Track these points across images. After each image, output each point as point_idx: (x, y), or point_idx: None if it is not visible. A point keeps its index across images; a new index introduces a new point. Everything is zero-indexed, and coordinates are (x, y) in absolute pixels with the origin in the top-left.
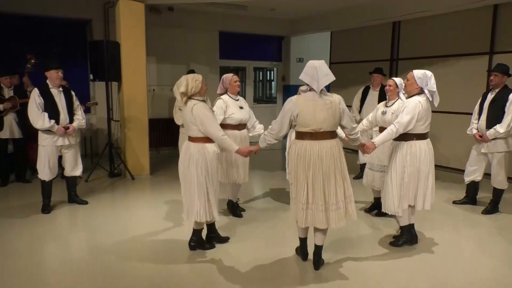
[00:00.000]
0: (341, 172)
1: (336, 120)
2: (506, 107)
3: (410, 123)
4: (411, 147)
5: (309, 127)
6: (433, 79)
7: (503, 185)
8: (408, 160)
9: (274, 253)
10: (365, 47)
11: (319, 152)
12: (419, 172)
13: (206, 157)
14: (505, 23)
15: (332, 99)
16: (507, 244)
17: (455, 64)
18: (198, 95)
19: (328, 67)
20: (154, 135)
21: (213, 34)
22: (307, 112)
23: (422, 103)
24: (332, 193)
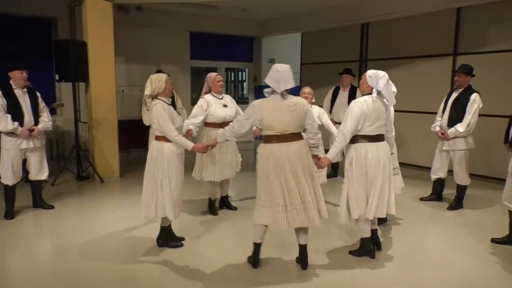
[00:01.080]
0: (310, 172)
1: (301, 123)
2: (467, 107)
3: (354, 126)
4: (356, 150)
5: (273, 130)
6: (384, 80)
7: (465, 182)
8: (353, 164)
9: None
10: (335, 48)
11: (287, 154)
12: (367, 177)
13: (164, 156)
14: (467, 25)
15: (297, 102)
16: (471, 239)
17: (421, 65)
18: (162, 95)
19: (291, 73)
20: (124, 137)
21: (184, 34)
22: (271, 116)
23: (367, 103)
24: (307, 192)
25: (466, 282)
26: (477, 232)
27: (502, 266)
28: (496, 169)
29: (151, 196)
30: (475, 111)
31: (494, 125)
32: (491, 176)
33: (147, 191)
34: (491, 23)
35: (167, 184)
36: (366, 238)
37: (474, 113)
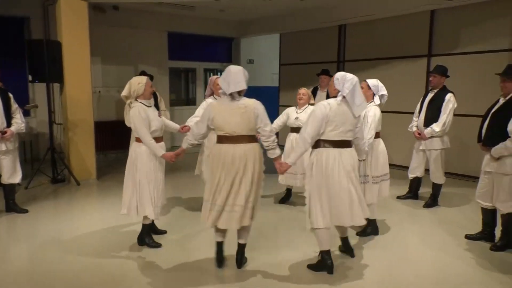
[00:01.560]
0: (251, 177)
1: (252, 125)
2: (442, 107)
3: (316, 128)
4: (317, 155)
5: (223, 131)
6: (350, 84)
7: (440, 180)
8: (313, 170)
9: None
10: (313, 49)
11: (233, 155)
12: (327, 184)
13: (143, 157)
14: (441, 27)
15: (248, 104)
16: (446, 235)
17: (397, 65)
18: (142, 97)
19: (243, 76)
20: (101, 138)
21: (162, 34)
22: (221, 116)
23: (331, 106)
24: (233, 196)
25: (441, 278)
26: (452, 229)
27: (476, 261)
28: (470, 167)
29: (131, 196)
30: (450, 111)
31: (468, 124)
32: (466, 174)
33: (127, 191)
34: (463, 25)
35: (145, 184)
36: (325, 251)
37: (449, 113)
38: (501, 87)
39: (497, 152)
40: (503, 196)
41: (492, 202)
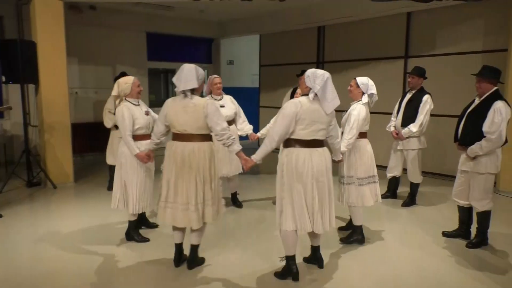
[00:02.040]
0: (203, 175)
1: (201, 124)
2: (420, 108)
3: (284, 127)
4: (287, 155)
5: (174, 128)
6: (321, 80)
7: (418, 179)
8: (284, 170)
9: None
10: (292, 50)
11: (183, 153)
12: (298, 184)
13: (127, 155)
14: (417, 29)
15: (197, 103)
16: (424, 233)
17: (375, 67)
18: (129, 96)
19: (195, 75)
20: (78, 141)
21: (140, 35)
22: (173, 114)
23: (302, 103)
24: (193, 194)
25: (419, 276)
26: (430, 227)
27: (453, 258)
28: (447, 166)
29: (117, 191)
30: (427, 112)
31: (445, 124)
32: (443, 173)
33: (115, 186)
34: (439, 28)
35: (129, 181)
36: (290, 256)
37: (426, 114)
38: (476, 87)
39: (472, 151)
40: (478, 195)
41: (468, 200)
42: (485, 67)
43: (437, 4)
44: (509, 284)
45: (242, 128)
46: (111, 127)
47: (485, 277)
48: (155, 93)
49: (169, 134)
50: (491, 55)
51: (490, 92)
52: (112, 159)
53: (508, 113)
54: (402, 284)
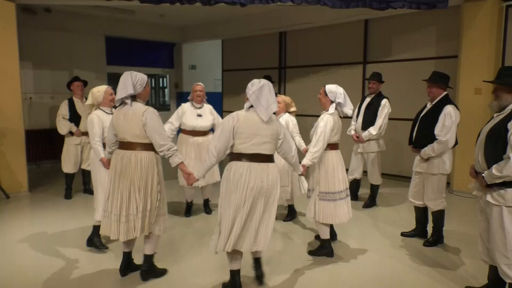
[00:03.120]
0: (138, 185)
1: (138, 133)
2: (379, 111)
3: (221, 141)
4: (227, 169)
5: (118, 137)
6: (256, 86)
7: (378, 181)
8: (224, 185)
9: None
10: (255, 55)
11: (121, 161)
12: (231, 202)
13: (95, 162)
14: (374, 36)
15: (136, 111)
16: (384, 234)
17: (336, 72)
18: (102, 105)
19: (131, 81)
20: (33, 148)
21: (99, 38)
22: (114, 121)
23: (239, 117)
24: (125, 205)
25: (379, 275)
26: (389, 228)
27: (411, 257)
28: (405, 168)
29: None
30: (386, 115)
31: (401, 128)
32: (400, 175)
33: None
34: (394, 35)
35: (100, 187)
36: (234, 270)
37: (384, 117)
38: (428, 92)
39: (425, 153)
40: (432, 195)
41: (423, 200)
42: (434, 73)
43: (392, 12)
44: (463, 279)
45: None
46: (66, 134)
47: (441, 274)
48: None
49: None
50: (443, 61)
51: (441, 97)
52: (69, 166)
53: (458, 117)
54: (362, 283)
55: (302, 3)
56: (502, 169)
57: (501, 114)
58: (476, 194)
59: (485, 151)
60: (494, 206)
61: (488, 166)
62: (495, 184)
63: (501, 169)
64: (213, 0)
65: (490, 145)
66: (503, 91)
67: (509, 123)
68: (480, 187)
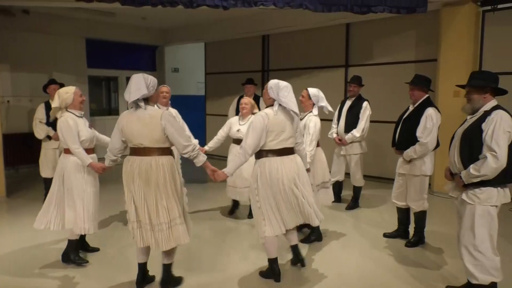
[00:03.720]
0: (164, 191)
1: (158, 137)
2: (360, 114)
3: (256, 140)
4: (260, 166)
5: (131, 143)
6: (285, 90)
7: (360, 183)
8: (258, 180)
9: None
10: (238, 58)
11: (139, 169)
12: (273, 193)
13: (69, 169)
14: (356, 39)
15: (153, 115)
16: (367, 234)
17: (318, 75)
18: (72, 107)
19: (144, 82)
20: (11, 152)
21: (79, 41)
22: (126, 127)
23: (268, 115)
24: (154, 213)
25: (362, 276)
26: (372, 229)
27: (393, 258)
28: (387, 170)
29: (53, 209)
30: (367, 118)
31: (383, 130)
32: (383, 176)
33: (48, 203)
34: (375, 39)
35: (75, 198)
36: (273, 259)
37: (366, 120)
38: (410, 95)
39: (408, 155)
40: (415, 196)
41: (406, 201)
42: (416, 76)
43: (373, 16)
44: (444, 278)
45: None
46: (43, 138)
47: (423, 273)
48: (97, 101)
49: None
50: (423, 65)
51: (422, 99)
52: (47, 171)
53: (439, 119)
54: (344, 283)
55: (285, 6)
56: (479, 169)
57: (474, 116)
58: (453, 195)
59: (461, 153)
60: (468, 205)
61: (464, 167)
62: (471, 183)
63: (478, 169)
64: (195, 3)
65: (465, 147)
66: (475, 94)
67: (483, 124)
68: (456, 187)
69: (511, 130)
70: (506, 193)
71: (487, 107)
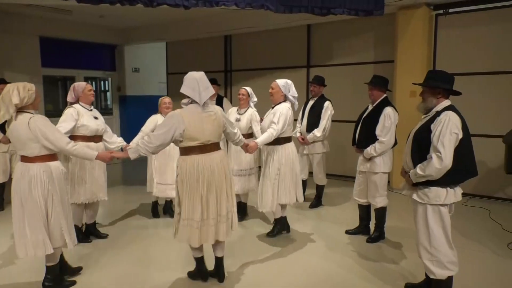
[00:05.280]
0: (230, 182)
1: (221, 131)
2: (322, 114)
3: (284, 127)
4: (285, 150)
5: (197, 141)
6: (293, 89)
7: (323, 182)
8: (283, 162)
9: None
10: (200, 58)
11: (211, 165)
12: (292, 170)
13: (54, 178)
14: (317, 40)
15: (215, 111)
16: (330, 232)
17: (281, 75)
18: (31, 107)
19: (208, 81)
20: None
21: (33, 39)
22: (195, 126)
23: (290, 109)
24: (224, 204)
25: (325, 273)
26: (334, 226)
27: (355, 253)
28: (349, 168)
29: (25, 232)
30: (329, 117)
31: (345, 129)
32: (345, 175)
33: (17, 227)
34: (335, 40)
35: (61, 209)
36: (281, 217)
37: (328, 119)
38: (369, 94)
39: (368, 153)
40: (375, 192)
41: (366, 198)
42: (375, 76)
43: (333, 18)
44: (403, 272)
45: (114, 142)
46: None
47: (383, 267)
48: (53, 102)
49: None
50: (381, 66)
51: (381, 99)
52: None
53: (396, 118)
54: (307, 279)
55: (246, 7)
56: (425, 169)
57: (427, 116)
58: (406, 194)
59: (412, 152)
60: (419, 204)
61: (415, 165)
62: (420, 183)
63: (424, 169)
64: (155, 2)
65: (416, 146)
66: (429, 94)
67: (432, 124)
68: (408, 186)
69: (458, 132)
70: (456, 192)
71: (439, 107)
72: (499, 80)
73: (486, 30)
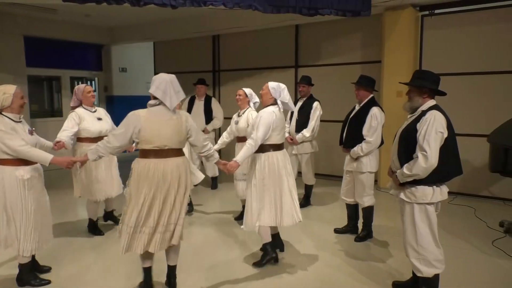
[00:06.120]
0: (183, 192)
1: (182, 138)
2: (311, 114)
3: (266, 134)
4: (268, 158)
5: (151, 144)
6: (285, 92)
7: (312, 181)
8: (267, 172)
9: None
10: (188, 58)
11: (164, 170)
12: (276, 185)
13: (4, 185)
14: (305, 41)
15: (179, 116)
16: (318, 231)
17: (269, 75)
18: (8, 110)
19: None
20: None
21: (17, 38)
22: (151, 128)
23: (275, 113)
24: (166, 215)
25: (313, 272)
26: (323, 225)
27: (343, 252)
28: (337, 168)
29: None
30: (317, 118)
31: (333, 129)
32: (333, 174)
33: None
34: (323, 40)
35: (13, 216)
36: (269, 243)
37: (316, 119)
38: (356, 94)
39: (354, 153)
40: (362, 192)
41: (354, 198)
42: (361, 77)
43: (321, 18)
44: (391, 270)
45: None
46: None
47: (371, 266)
48: (38, 102)
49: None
50: (368, 66)
51: (368, 99)
52: None
53: (383, 118)
54: (296, 278)
55: (234, 7)
56: (411, 168)
57: (413, 116)
58: (393, 193)
59: (398, 151)
60: (407, 203)
61: (401, 165)
62: (407, 182)
63: (410, 168)
64: (142, 1)
65: (403, 145)
66: (415, 93)
67: (418, 123)
68: (395, 185)
69: (444, 131)
70: (442, 190)
71: (425, 107)
72: (484, 80)
73: (471, 31)
